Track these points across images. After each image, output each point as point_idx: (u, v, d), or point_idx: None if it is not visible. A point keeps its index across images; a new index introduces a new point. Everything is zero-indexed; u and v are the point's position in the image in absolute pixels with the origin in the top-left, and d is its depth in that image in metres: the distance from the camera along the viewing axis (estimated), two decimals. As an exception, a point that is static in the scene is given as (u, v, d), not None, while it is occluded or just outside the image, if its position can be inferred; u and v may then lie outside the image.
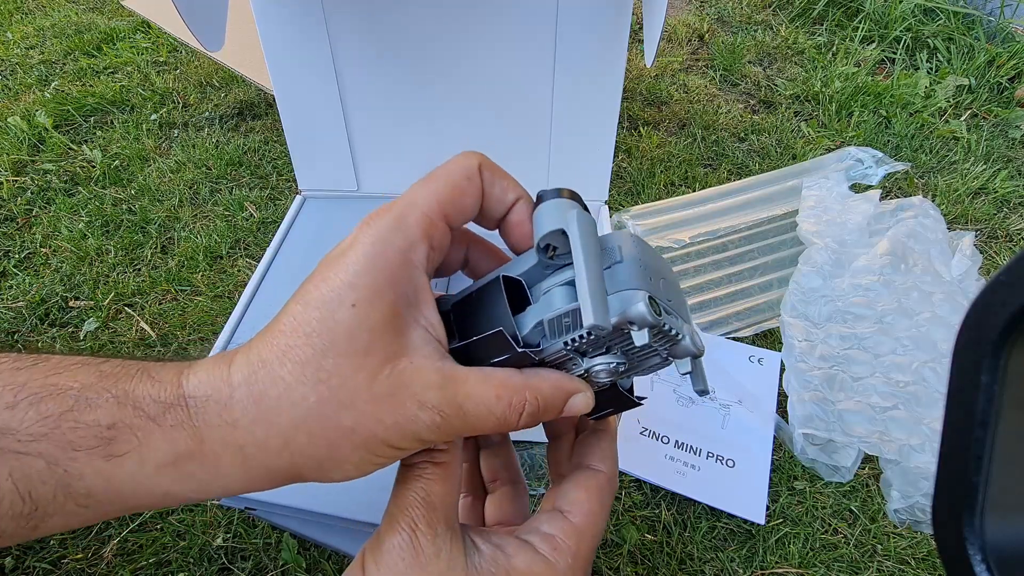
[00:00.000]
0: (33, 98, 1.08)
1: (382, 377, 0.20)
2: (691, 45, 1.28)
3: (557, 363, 0.23)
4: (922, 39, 1.27)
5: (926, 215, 0.84)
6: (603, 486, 0.26)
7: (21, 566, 0.53)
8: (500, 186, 0.24)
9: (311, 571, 0.53)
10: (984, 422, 0.15)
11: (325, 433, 0.20)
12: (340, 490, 0.43)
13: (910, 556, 0.56)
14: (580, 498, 0.25)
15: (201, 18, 0.46)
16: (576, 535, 0.24)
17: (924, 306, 0.72)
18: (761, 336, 0.75)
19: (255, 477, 0.21)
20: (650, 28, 0.48)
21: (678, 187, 0.95)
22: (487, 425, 0.22)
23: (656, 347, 0.22)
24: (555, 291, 0.22)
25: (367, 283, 0.20)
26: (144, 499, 0.21)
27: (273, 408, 0.20)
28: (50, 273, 0.79)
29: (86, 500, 0.20)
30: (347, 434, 0.20)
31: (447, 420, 0.21)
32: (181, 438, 0.20)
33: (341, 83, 0.59)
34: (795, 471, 0.62)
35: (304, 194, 0.66)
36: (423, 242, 0.22)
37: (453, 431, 0.22)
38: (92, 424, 0.20)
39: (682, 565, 0.56)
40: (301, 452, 0.20)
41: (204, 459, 0.20)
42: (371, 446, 0.21)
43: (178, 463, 0.20)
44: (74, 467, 0.19)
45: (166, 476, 0.20)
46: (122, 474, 0.20)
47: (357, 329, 0.20)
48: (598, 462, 0.27)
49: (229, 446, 0.20)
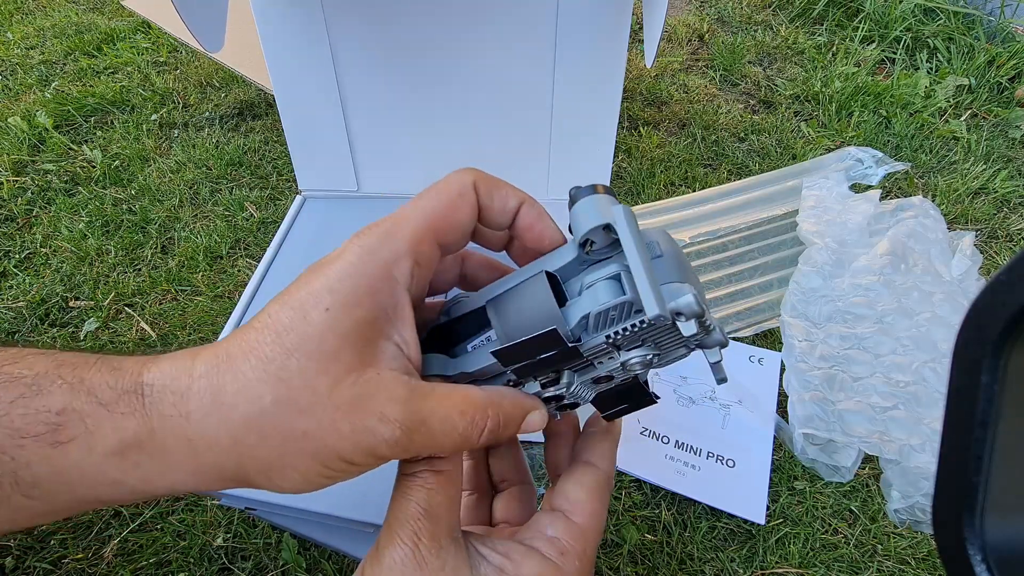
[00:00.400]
0: (33, 98, 1.08)
1: (346, 385, 0.20)
2: (691, 45, 1.28)
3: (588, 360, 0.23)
4: (922, 39, 1.27)
5: (926, 215, 0.84)
6: (602, 484, 0.26)
7: (21, 566, 0.53)
8: (499, 196, 0.24)
9: (311, 571, 0.53)
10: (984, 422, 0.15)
11: (277, 435, 0.19)
12: (340, 490, 0.43)
13: (910, 556, 0.56)
14: (581, 497, 0.25)
15: (201, 19, 0.46)
16: (581, 536, 0.24)
17: (924, 306, 0.72)
18: (761, 336, 0.75)
19: (203, 474, 0.20)
20: (650, 29, 0.48)
21: (678, 187, 0.95)
22: (449, 442, 0.21)
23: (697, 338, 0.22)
24: (600, 285, 0.22)
25: (345, 290, 0.20)
26: (92, 489, 0.20)
27: (228, 403, 0.19)
28: (50, 273, 0.79)
29: (32, 490, 0.19)
30: (299, 439, 0.19)
31: (408, 435, 0.20)
32: (130, 426, 0.19)
33: (341, 83, 0.59)
34: (795, 471, 0.62)
35: (304, 194, 0.66)
36: (408, 258, 0.22)
37: (412, 447, 0.21)
38: (41, 410, 0.19)
39: (682, 565, 0.56)
40: (250, 453, 0.20)
41: (153, 450, 0.19)
42: (323, 456, 0.20)
43: (126, 452, 0.19)
44: (21, 455, 0.19)
45: (113, 465, 0.19)
46: (68, 462, 0.19)
47: (328, 332, 0.20)
48: (598, 459, 0.27)
49: (180, 439, 0.19)
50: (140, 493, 0.20)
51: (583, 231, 0.21)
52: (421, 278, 0.23)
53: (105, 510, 0.57)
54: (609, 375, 0.24)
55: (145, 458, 0.20)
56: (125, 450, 0.19)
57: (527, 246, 0.25)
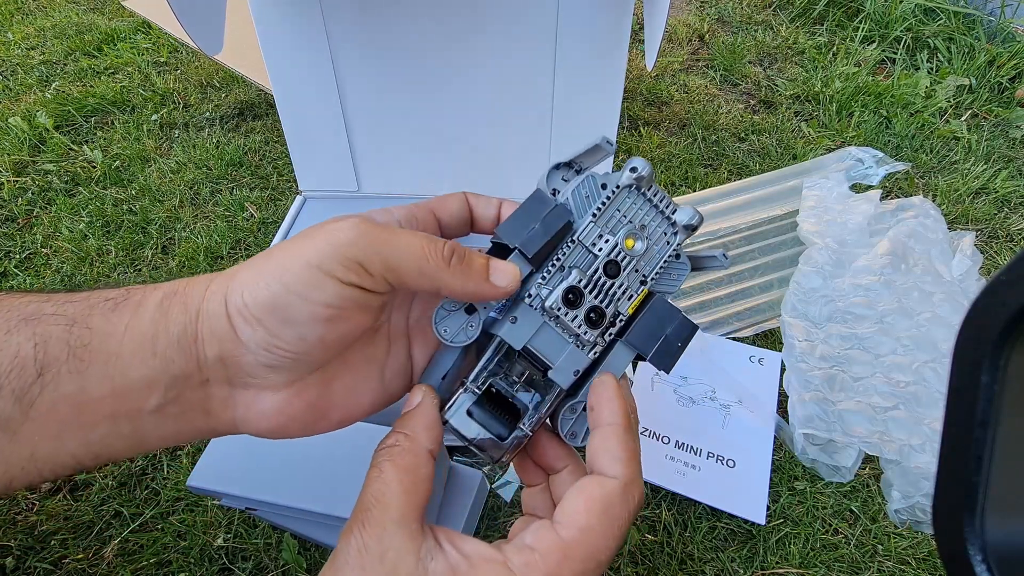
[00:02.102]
0: (34, 98, 1.08)
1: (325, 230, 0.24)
2: (691, 45, 1.28)
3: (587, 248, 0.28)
4: (922, 39, 1.27)
5: (926, 215, 0.84)
6: (610, 496, 0.23)
7: (22, 566, 0.53)
8: (484, 201, 0.30)
9: (311, 571, 0.53)
10: (984, 422, 0.15)
11: (269, 257, 0.23)
12: (340, 490, 0.43)
13: (911, 556, 0.56)
14: (576, 509, 0.22)
15: (199, 22, 0.45)
16: (560, 553, 0.21)
17: (924, 306, 0.72)
18: (762, 336, 0.75)
19: (205, 310, 0.23)
20: (651, 32, 0.48)
21: (678, 187, 0.95)
22: (410, 249, 0.23)
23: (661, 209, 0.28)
24: (576, 184, 0.28)
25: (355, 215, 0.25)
26: (124, 349, 0.22)
27: (250, 259, 0.24)
28: (51, 273, 0.79)
29: (85, 354, 0.22)
30: (283, 256, 0.23)
31: (367, 224, 0.23)
32: (176, 284, 0.24)
33: (340, 83, 0.59)
34: (796, 471, 0.62)
35: (304, 194, 0.66)
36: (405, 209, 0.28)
37: (376, 242, 0.23)
38: (115, 291, 0.24)
39: (682, 565, 0.56)
40: (244, 274, 0.23)
41: (183, 295, 0.23)
42: (288, 260, 0.22)
43: (163, 301, 0.23)
44: (89, 322, 0.22)
45: (149, 315, 0.23)
46: (119, 319, 0.23)
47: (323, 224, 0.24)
48: (608, 464, 0.24)
49: (201, 284, 0.24)
50: (157, 354, 0.23)
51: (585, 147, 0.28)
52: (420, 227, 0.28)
53: (106, 510, 0.57)
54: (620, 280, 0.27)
55: (175, 303, 0.23)
56: (163, 299, 0.23)
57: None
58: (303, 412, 0.25)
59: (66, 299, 0.23)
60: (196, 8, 0.45)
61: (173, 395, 0.23)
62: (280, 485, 0.43)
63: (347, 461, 0.44)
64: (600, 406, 0.25)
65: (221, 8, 0.49)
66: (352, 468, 0.44)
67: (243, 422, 0.24)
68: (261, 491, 0.43)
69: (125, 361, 0.22)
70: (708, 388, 0.68)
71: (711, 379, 0.69)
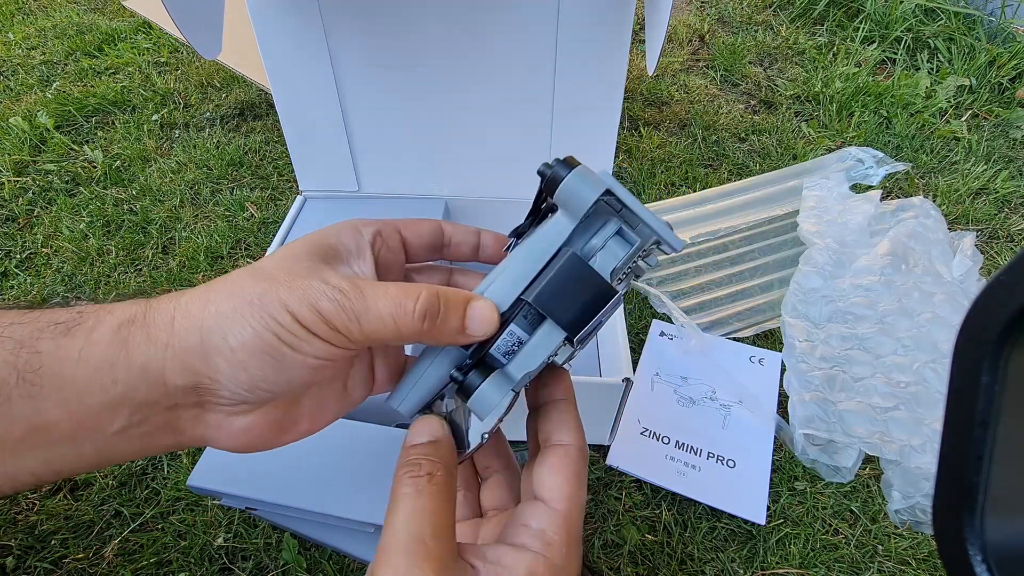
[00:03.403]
0: (34, 98, 1.08)
1: (302, 266, 0.24)
2: (691, 45, 1.28)
3: None
4: (923, 39, 1.27)
5: (927, 215, 0.84)
6: (576, 461, 0.26)
7: (23, 566, 0.53)
8: (463, 229, 0.31)
9: (312, 571, 0.53)
10: (984, 422, 0.15)
11: (240, 295, 0.23)
12: (340, 490, 0.43)
13: (911, 557, 0.56)
14: (557, 483, 0.26)
15: (197, 26, 0.45)
16: (564, 522, 0.25)
17: (925, 306, 0.72)
18: (762, 336, 0.75)
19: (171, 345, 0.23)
20: (652, 36, 0.48)
21: (679, 187, 0.95)
22: (385, 303, 0.23)
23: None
24: (612, 243, 0.26)
25: (320, 231, 0.27)
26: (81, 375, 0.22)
27: (212, 286, 0.24)
28: (51, 273, 0.79)
29: (34, 378, 0.21)
30: (257, 296, 0.23)
31: (345, 295, 0.23)
32: (134, 307, 0.23)
33: (340, 83, 0.59)
34: (796, 471, 0.62)
35: (305, 194, 0.66)
36: (373, 226, 0.28)
37: (350, 307, 0.23)
38: (64, 312, 0.23)
39: (682, 565, 0.56)
40: (216, 311, 0.23)
41: (143, 323, 0.23)
42: (272, 307, 0.22)
43: (120, 328, 0.23)
44: (37, 344, 0.22)
45: (105, 345, 0.22)
46: (72, 346, 0.22)
47: (301, 245, 0.26)
48: (564, 435, 0.27)
49: (165, 311, 0.23)
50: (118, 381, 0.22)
51: (589, 201, 0.24)
52: (386, 250, 0.29)
53: (106, 510, 0.57)
54: None
55: (134, 332, 0.23)
56: (121, 326, 0.23)
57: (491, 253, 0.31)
58: (270, 429, 0.25)
59: (12, 319, 0.23)
60: (193, 12, 0.45)
61: (138, 419, 0.23)
62: (280, 485, 0.43)
63: (347, 461, 0.44)
64: (554, 384, 0.29)
65: (219, 11, 0.49)
66: (352, 468, 0.44)
67: (212, 440, 0.25)
68: (261, 491, 0.43)
69: (82, 387, 0.22)
70: (708, 388, 0.68)
71: (711, 379, 0.69)
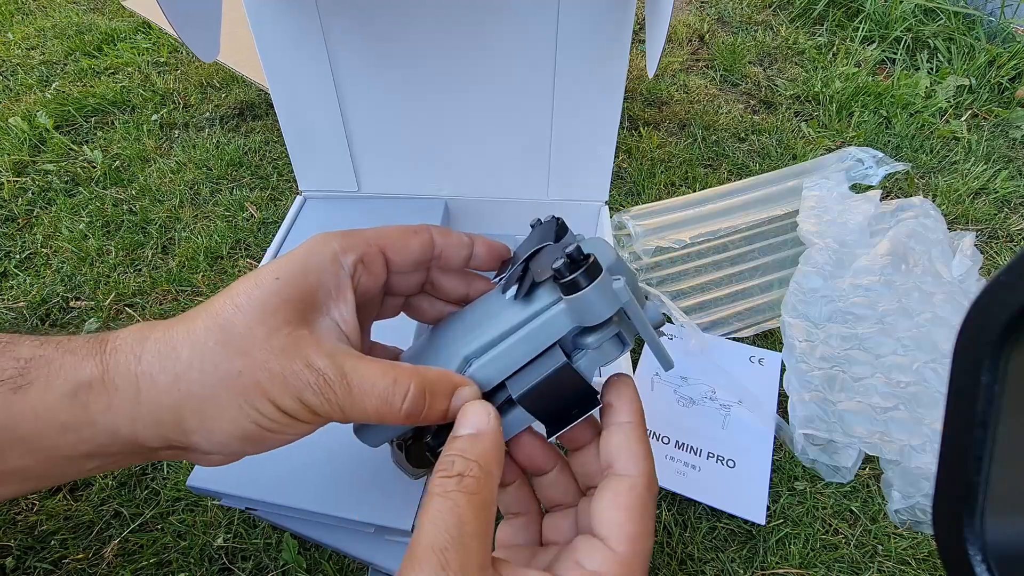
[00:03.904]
0: (34, 99, 1.08)
1: (280, 335, 0.22)
2: (691, 45, 1.28)
3: None
4: (922, 39, 1.27)
5: (927, 215, 0.84)
6: (642, 495, 0.23)
7: (22, 566, 0.53)
8: (455, 238, 0.28)
9: (311, 571, 0.53)
10: (984, 422, 0.15)
11: (214, 372, 0.21)
12: (340, 490, 0.43)
13: (911, 557, 0.56)
14: (619, 519, 0.22)
15: (194, 29, 0.45)
16: (625, 567, 0.21)
17: (925, 306, 0.72)
18: (762, 336, 0.75)
19: (141, 418, 0.21)
20: (652, 39, 0.47)
21: (678, 187, 0.95)
22: (370, 400, 0.22)
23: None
24: (607, 345, 0.25)
25: (295, 266, 0.24)
26: (41, 437, 0.21)
27: (176, 347, 0.21)
28: (51, 273, 0.79)
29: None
30: (234, 376, 0.21)
31: (330, 386, 0.22)
32: (88, 367, 0.21)
33: (339, 84, 0.59)
34: (796, 471, 0.62)
35: (304, 194, 0.66)
36: (355, 253, 0.25)
37: (337, 400, 0.22)
38: (12, 358, 0.21)
39: (682, 565, 0.56)
40: (188, 390, 0.21)
41: (102, 389, 0.21)
42: (252, 396, 0.21)
43: (78, 392, 0.21)
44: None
45: (64, 406, 0.21)
46: (25, 405, 0.20)
47: (273, 295, 0.22)
48: (628, 465, 0.23)
49: (128, 378, 0.21)
50: (85, 440, 0.21)
51: (601, 318, 0.24)
52: (366, 277, 0.26)
53: (106, 510, 0.57)
54: None
55: (94, 398, 0.21)
56: (78, 390, 0.21)
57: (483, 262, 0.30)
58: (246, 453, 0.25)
59: None
60: (190, 14, 0.45)
61: (112, 461, 0.23)
62: (280, 485, 0.43)
63: (347, 461, 0.44)
64: (620, 404, 0.25)
65: (216, 13, 0.49)
66: (352, 468, 0.44)
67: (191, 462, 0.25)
68: (261, 491, 0.43)
69: (48, 443, 0.21)
70: (708, 388, 0.68)
71: (711, 379, 0.69)
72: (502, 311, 0.26)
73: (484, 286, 0.31)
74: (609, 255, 0.25)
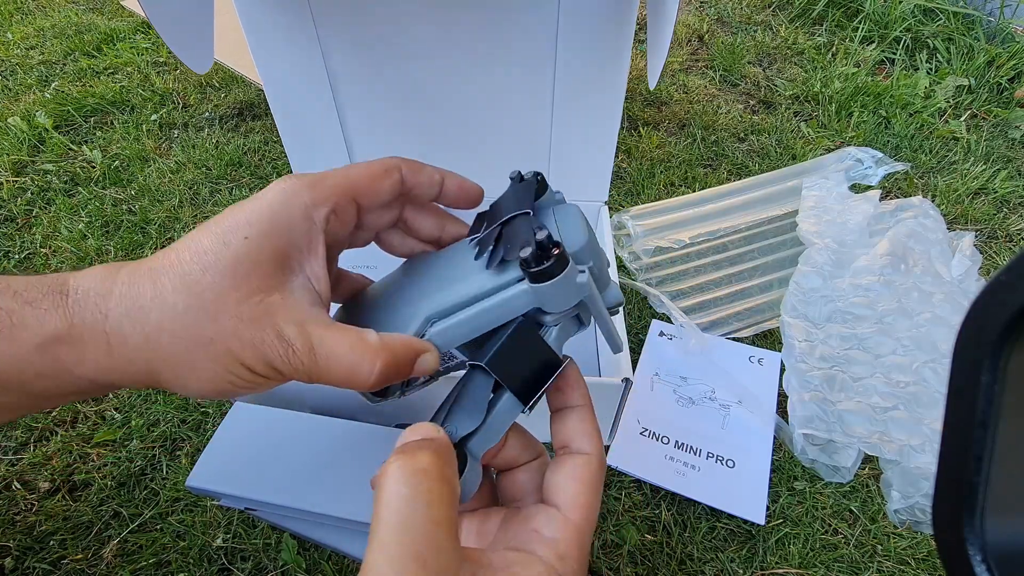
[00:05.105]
0: (33, 98, 1.08)
1: (252, 302, 0.22)
2: (691, 45, 1.28)
3: None
4: (922, 39, 1.27)
5: (926, 215, 0.84)
6: (596, 472, 0.26)
7: (21, 567, 0.53)
8: (426, 173, 0.29)
9: (311, 571, 0.53)
10: (984, 422, 0.15)
11: (186, 338, 0.21)
12: (340, 490, 0.43)
13: (910, 556, 0.56)
14: (576, 490, 0.25)
15: (185, 42, 0.45)
16: (578, 535, 0.24)
17: (924, 306, 0.72)
18: (761, 336, 0.75)
19: (116, 369, 0.22)
20: (654, 52, 0.47)
21: (678, 187, 0.95)
22: (338, 371, 0.23)
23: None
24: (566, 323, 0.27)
25: (264, 223, 0.23)
26: (17, 378, 0.21)
27: (144, 307, 0.21)
28: (50, 273, 0.79)
29: None
30: (205, 343, 0.21)
31: (298, 356, 0.22)
32: (52, 321, 0.21)
33: (334, 85, 0.59)
34: (795, 471, 0.62)
35: (304, 194, 0.66)
36: (327, 205, 0.25)
37: (304, 369, 0.22)
38: None
39: (682, 565, 0.56)
40: (160, 353, 0.21)
41: (72, 343, 0.21)
42: (226, 361, 0.22)
43: (47, 346, 0.21)
44: None
45: (36, 358, 0.21)
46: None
47: (243, 257, 0.22)
48: (584, 443, 0.26)
49: (97, 334, 0.21)
50: (63, 385, 0.22)
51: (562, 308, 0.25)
52: (338, 226, 0.26)
53: (105, 510, 0.57)
54: None
55: (64, 350, 0.21)
56: (46, 344, 0.21)
57: (452, 200, 0.30)
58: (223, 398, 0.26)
59: None
60: (181, 27, 0.44)
61: (93, 393, 0.23)
62: (280, 485, 0.43)
63: (347, 461, 0.44)
64: (569, 388, 0.28)
65: (208, 26, 0.48)
66: (352, 468, 0.44)
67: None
68: (261, 491, 0.43)
69: (26, 385, 0.22)
70: (708, 388, 0.68)
71: (711, 379, 0.69)
72: (469, 274, 0.27)
73: (457, 231, 0.32)
74: (581, 235, 0.26)
